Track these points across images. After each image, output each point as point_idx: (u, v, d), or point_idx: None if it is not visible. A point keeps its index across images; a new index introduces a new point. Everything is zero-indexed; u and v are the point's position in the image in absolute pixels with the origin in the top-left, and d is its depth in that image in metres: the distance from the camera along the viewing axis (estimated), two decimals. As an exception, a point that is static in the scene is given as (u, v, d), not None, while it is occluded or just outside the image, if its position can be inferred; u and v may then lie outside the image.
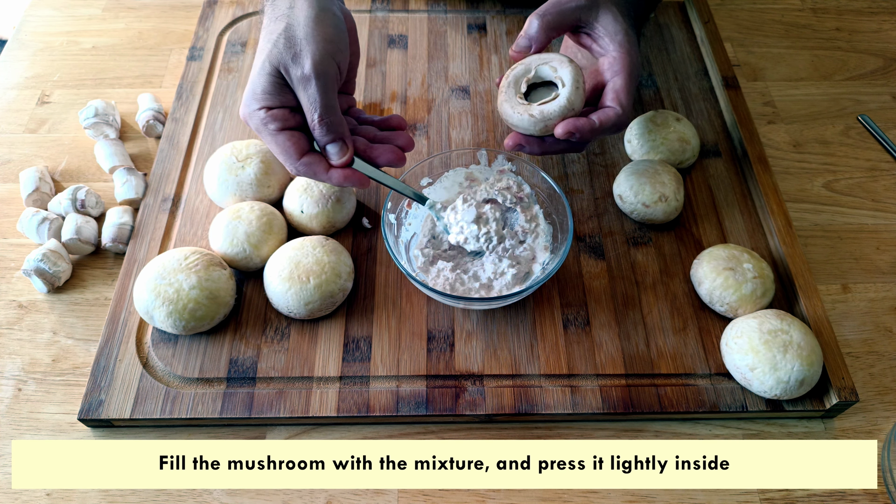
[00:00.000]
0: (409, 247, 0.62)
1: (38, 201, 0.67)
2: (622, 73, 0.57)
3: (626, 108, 0.56)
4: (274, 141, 0.54)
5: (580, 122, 0.55)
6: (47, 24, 0.85)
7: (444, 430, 0.56)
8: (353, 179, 0.56)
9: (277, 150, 0.55)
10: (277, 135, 0.54)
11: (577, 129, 0.55)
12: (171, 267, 0.57)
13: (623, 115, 0.56)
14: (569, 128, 0.55)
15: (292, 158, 0.55)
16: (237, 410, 0.54)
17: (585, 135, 0.55)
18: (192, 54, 0.79)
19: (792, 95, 0.80)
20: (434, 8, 0.85)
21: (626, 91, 0.57)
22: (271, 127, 0.54)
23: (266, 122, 0.54)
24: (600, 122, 0.55)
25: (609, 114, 0.56)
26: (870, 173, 0.73)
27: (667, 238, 0.65)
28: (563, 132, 0.55)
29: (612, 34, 0.58)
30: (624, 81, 0.57)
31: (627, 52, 0.57)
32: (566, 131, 0.55)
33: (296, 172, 0.56)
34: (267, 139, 0.55)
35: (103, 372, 0.56)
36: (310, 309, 0.57)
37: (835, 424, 0.57)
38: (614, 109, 0.56)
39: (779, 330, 0.54)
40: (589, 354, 0.58)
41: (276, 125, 0.54)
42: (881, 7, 0.90)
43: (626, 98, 0.56)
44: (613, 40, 0.58)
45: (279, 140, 0.54)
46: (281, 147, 0.54)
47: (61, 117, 0.75)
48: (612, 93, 0.57)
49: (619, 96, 0.56)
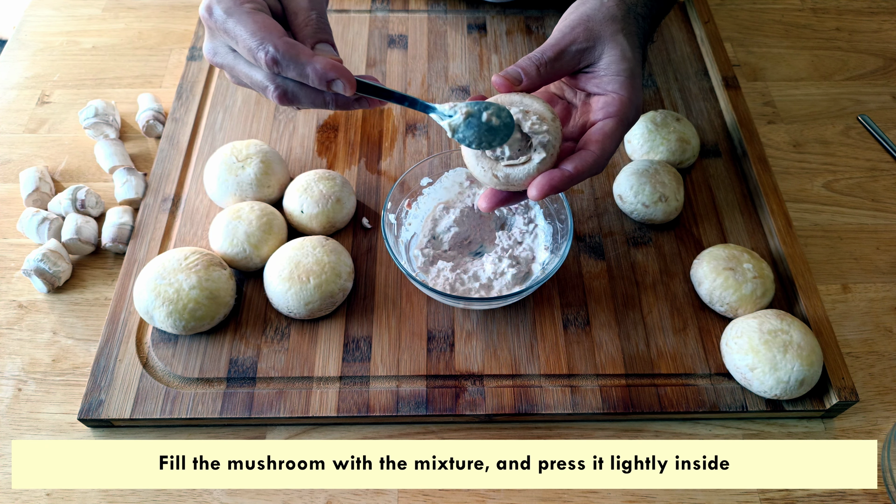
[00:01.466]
0: (409, 247, 0.62)
1: (38, 201, 0.67)
2: (615, 117, 0.50)
3: (607, 152, 0.50)
4: (250, 18, 0.47)
5: (554, 178, 0.48)
6: (47, 24, 0.85)
7: (444, 430, 0.56)
8: (339, 71, 0.47)
9: (254, 27, 0.46)
10: (255, 13, 0.47)
11: (553, 187, 0.48)
12: (171, 267, 0.57)
13: (601, 159, 0.49)
14: (544, 189, 0.48)
15: (273, 35, 0.46)
16: (237, 410, 0.54)
17: (563, 189, 0.49)
18: (192, 54, 0.79)
19: (792, 95, 0.80)
20: (434, 8, 0.85)
21: (613, 138, 0.50)
22: (248, 6, 0.47)
23: (242, 2, 0.47)
24: (577, 171, 0.48)
25: (587, 159, 0.49)
26: (870, 173, 0.73)
27: (667, 238, 0.65)
28: (538, 193, 0.48)
29: (616, 73, 0.51)
30: (614, 125, 0.50)
31: (629, 96, 0.51)
32: (542, 192, 0.48)
33: (272, 52, 0.46)
34: (239, 20, 0.47)
35: (103, 372, 0.56)
36: (310, 309, 0.57)
37: (835, 424, 0.57)
38: (593, 154, 0.49)
39: (779, 330, 0.54)
40: (589, 354, 0.58)
41: (255, 5, 0.48)
42: (881, 7, 0.90)
43: (612, 144, 0.50)
44: (615, 80, 0.51)
45: (257, 18, 0.47)
46: (259, 24, 0.47)
47: (61, 117, 0.75)
48: (598, 133, 0.50)
49: (604, 141, 0.49)
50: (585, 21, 0.52)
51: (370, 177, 0.69)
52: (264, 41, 0.46)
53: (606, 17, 0.52)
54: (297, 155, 0.71)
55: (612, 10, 0.53)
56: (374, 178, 0.69)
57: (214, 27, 0.49)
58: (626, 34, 0.53)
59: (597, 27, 0.52)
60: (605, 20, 0.52)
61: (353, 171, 0.69)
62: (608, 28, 0.52)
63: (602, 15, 0.53)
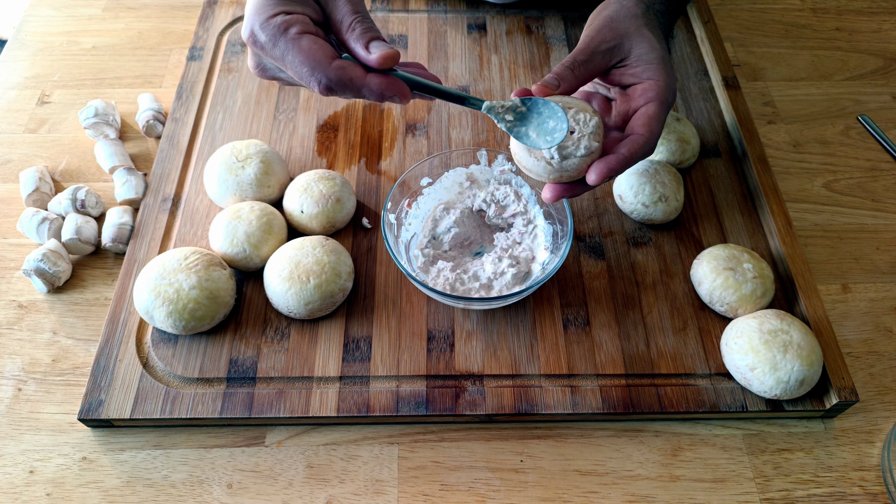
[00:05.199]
0: (409, 247, 0.62)
1: (38, 201, 0.67)
2: (656, 101, 0.53)
3: (655, 133, 0.53)
4: (297, 47, 0.47)
5: (611, 162, 0.51)
6: (47, 24, 0.85)
7: (444, 430, 0.56)
8: (395, 88, 0.49)
9: (302, 57, 0.47)
10: (301, 38, 0.47)
11: (611, 170, 0.51)
12: (171, 267, 0.57)
13: (651, 140, 0.53)
14: (603, 174, 0.51)
15: (323, 64, 0.47)
16: (237, 410, 0.54)
17: (620, 171, 0.52)
18: (192, 54, 0.79)
19: (792, 95, 0.80)
20: (434, 8, 0.85)
21: (658, 118, 0.53)
22: (293, 31, 0.47)
23: (286, 27, 0.47)
24: (630, 153, 0.52)
25: (638, 141, 0.52)
26: (870, 173, 0.73)
27: (667, 238, 0.65)
28: (597, 179, 0.51)
29: (648, 62, 0.55)
30: (657, 108, 0.53)
31: (665, 80, 0.54)
32: (601, 177, 0.51)
33: (326, 81, 0.48)
34: (287, 49, 0.47)
35: (103, 372, 0.56)
36: (310, 309, 0.57)
37: (835, 424, 0.57)
38: (643, 136, 0.52)
39: (779, 330, 0.54)
40: (589, 354, 0.58)
41: (298, 28, 0.48)
42: (881, 7, 0.90)
43: (658, 125, 0.53)
44: (649, 68, 0.54)
45: (304, 45, 0.47)
46: (307, 53, 0.47)
47: (61, 117, 0.75)
48: (643, 117, 0.53)
49: (650, 122, 0.53)
50: (610, 22, 0.56)
51: (370, 177, 0.69)
52: (315, 71, 0.47)
53: (629, 16, 0.56)
54: (297, 155, 0.71)
55: (633, 9, 0.57)
56: (374, 178, 0.69)
57: (261, 53, 0.50)
58: (650, 28, 0.56)
59: (622, 25, 0.56)
60: (628, 18, 0.56)
61: (353, 171, 0.69)
62: (632, 24, 0.56)
63: (624, 14, 0.56)
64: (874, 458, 0.55)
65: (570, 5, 0.85)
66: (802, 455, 0.55)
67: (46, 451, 0.54)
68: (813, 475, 0.54)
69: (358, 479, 0.53)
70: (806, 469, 0.54)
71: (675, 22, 0.66)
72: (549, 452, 0.55)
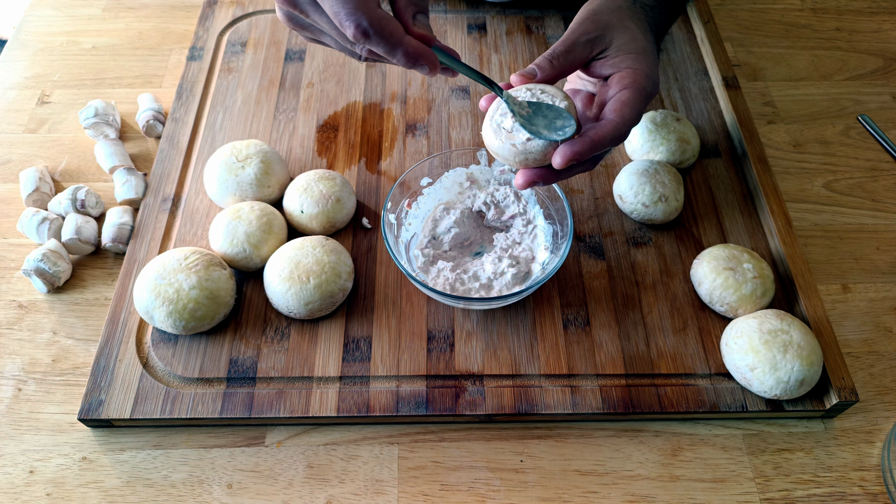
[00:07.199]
0: (409, 247, 0.62)
1: (38, 201, 0.67)
2: (631, 88, 0.52)
3: (626, 119, 0.51)
4: None
5: (575, 144, 0.49)
6: (47, 24, 0.85)
7: (444, 430, 0.56)
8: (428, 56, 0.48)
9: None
10: None
11: (576, 153, 0.49)
12: (171, 267, 0.57)
13: (622, 125, 0.51)
14: (567, 156, 0.49)
15: (367, 5, 0.44)
16: (237, 410, 0.54)
17: (586, 155, 0.50)
18: (192, 54, 0.79)
19: (792, 95, 0.80)
20: (434, 8, 0.84)
21: (630, 105, 0.51)
22: None
23: None
24: (597, 137, 0.50)
25: (607, 126, 0.50)
26: (870, 173, 0.73)
27: (667, 238, 0.65)
28: (562, 161, 0.49)
29: (627, 52, 0.54)
30: (630, 94, 0.52)
31: (642, 68, 0.53)
32: (565, 160, 0.49)
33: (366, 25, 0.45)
34: None
35: (103, 372, 0.56)
36: (310, 309, 0.57)
37: (835, 424, 0.57)
38: (612, 122, 0.51)
39: (779, 330, 0.54)
40: (589, 354, 0.58)
41: None
42: (881, 7, 0.90)
43: (629, 111, 0.51)
44: (627, 57, 0.53)
45: None
46: None
47: (61, 117, 0.75)
48: (615, 103, 0.52)
49: (622, 108, 0.51)
50: (593, 14, 0.56)
51: (370, 177, 0.69)
52: (358, 10, 0.44)
53: (613, 8, 0.56)
54: (297, 155, 0.71)
55: (618, 2, 0.57)
56: (374, 178, 0.69)
57: None
58: (635, 21, 0.56)
59: (604, 18, 0.55)
60: (611, 11, 0.56)
61: (353, 171, 0.69)
62: (615, 17, 0.55)
63: (608, 7, 0.56)
64: (874, 458, 0.55)
65: (570, 5, 0.85)
66: (802, 455, 0.55)
67: (46, 451, 0.54)
68: (813, 475, 0.54)
69: (358, 479, 0.53)
70: (806, 469, 0.54)
71: (674, 19, 0.65)
72: (549, 452, 0.55)
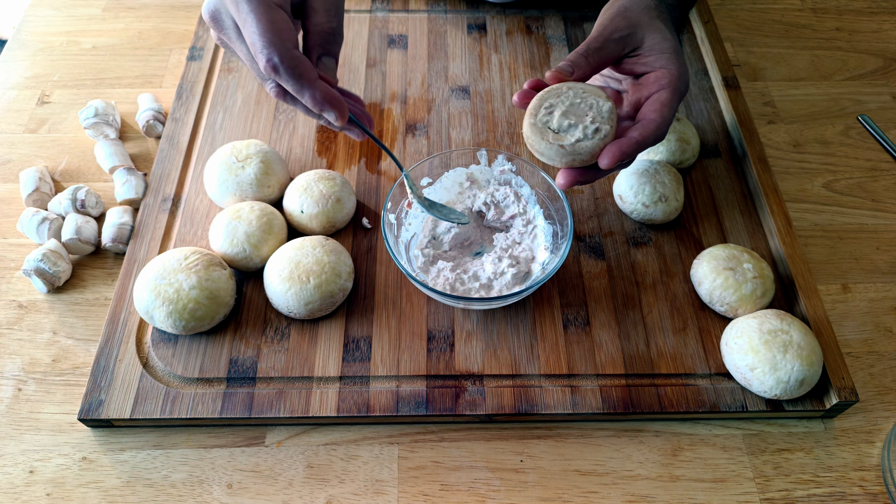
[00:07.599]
0: (409, 247, 0.62)
1: (38, 201, 0.67)
2: (669, 88, 0.54)
3: (666, 119, 0.53)
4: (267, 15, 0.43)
5: (623, 145, 0.51)
6: (47, 24, 0.85)
7: (444, 430, 0.56)
8: (338, 104, 0.48)
9: (266, 26, 0.43)
10: (275, 10, 0.44)
11: (623, 153, 0.51)
12: (171, 267, 0.57)
13: (663, 125, 0.53)
14: (615, 157, 0.51)
15: (284, 43, 0.44)
16: (237, 410, 0.54)
17: (632, 155, 0.52)
18: (192, 54, 0.79)
19: (792, 95, 0.80)
20: (434, 8, 0.85)
21: (670, 105, 0.53)
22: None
23: None
24: (642, 137, 0.52)
25: (650, 126, 0.52)
26: (870, 173, 0.73)
27: (667, 238, 0.65)
28: (610, 162, 0.51)
29: (661, 51, 0.55)
30: (669, 95, 0.53)
31: (677, 69, 0.55)
32: (613, 160, 0.51)
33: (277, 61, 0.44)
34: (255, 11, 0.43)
35: (103, 372, 0.56)
36: (310, 309, 0.57)
37: (835, 424, 0.57)
38: (654, 121, 0.52)
39: (779, 330, 0.54)
40: (589, 354, 0.58)
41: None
42: (881, 7, 0.90)
43: (669, 112, 0.53)
44: (661, 57, 0.55)
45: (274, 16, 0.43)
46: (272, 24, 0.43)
47: (61, 117, 0.75)
48: (655, 103, 0.53)
49: (662, 108, 0.53)
50: (623, 12, 0.57)
51: (370, 177, 0.69)
52: (273, 45, 0.44)
53: (642, 7, 0.57)
54: (297, 155, 0.71)
55: (647, 0, 0.58)
56: (374, 178, 0.69)
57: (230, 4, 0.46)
58: (662, 20, 0.57)
59: (634, 16, 0.56)
60: (641, 9, 0.57)
61: (353, 171, 0.69)
62: (645, 15, 0.57)
63: (637, 4, 0.57)
64: (874, 458, 0.55)
65: (570, 5, 0.85)
66: (802, 455, 0.55)
67: (46, 451, 0.54)
68: (813, 475, 0.54)
69: (358, 479, 0.53)
70: (806, 469, 0.54)
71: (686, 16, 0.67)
72: (549, 452, 0.55)
